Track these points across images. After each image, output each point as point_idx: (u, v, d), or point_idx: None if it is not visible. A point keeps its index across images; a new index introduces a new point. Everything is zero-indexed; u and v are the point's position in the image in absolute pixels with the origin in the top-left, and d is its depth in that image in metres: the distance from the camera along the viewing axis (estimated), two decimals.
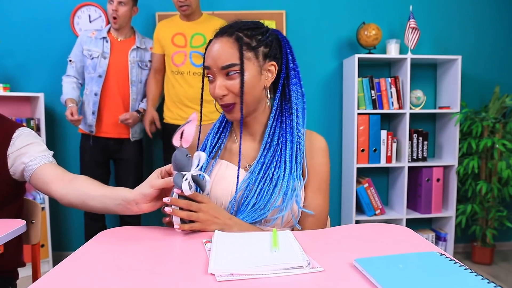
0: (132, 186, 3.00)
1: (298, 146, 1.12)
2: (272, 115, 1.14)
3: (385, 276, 0.68)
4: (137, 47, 2.66)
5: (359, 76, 2.95)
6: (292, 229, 1.13)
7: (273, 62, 1.12)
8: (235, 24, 1.10)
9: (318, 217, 1.13)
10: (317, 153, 1.15)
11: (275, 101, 1.15)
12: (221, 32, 1.09)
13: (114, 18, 2.56)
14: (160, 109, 2.77)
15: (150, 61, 2.69)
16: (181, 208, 0.95)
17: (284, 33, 3.08)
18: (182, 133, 0.98)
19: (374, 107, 2.97)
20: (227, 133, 1.20)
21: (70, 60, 2.68)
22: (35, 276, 1.41)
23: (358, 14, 3.14)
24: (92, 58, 2.61)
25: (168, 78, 2.66)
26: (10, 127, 1.32)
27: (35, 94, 2.86)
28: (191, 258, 0.81)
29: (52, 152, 1.37)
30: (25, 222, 1.16)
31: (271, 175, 1.09)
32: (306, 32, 3.14)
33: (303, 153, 1.13)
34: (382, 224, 1.04)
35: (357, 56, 2.87)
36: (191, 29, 2.62)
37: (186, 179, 0.94)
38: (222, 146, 1.19)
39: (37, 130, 2.86)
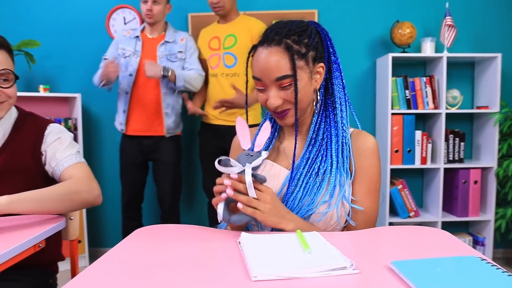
0: (170, 187, 3.04)
1: (344, 140, 1.11)
2: (316, 111, 1.14)
3: (423, 279, 0.66)
4: (166, 41, 2.66)
5: (393, 76, 2.89)
6: (345, 227, 1.12)
7: (321, 64, 1.11)
8: (280, 30, 1.06)
9: (368, 218, 1.11)
10: (367, 153, 1.12)
11: (319, 97, 1.13)
12: (268, 40, 1.06)
13: (149, 15, 2.59)
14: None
15: (180, 51, 2.68)
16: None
17: None
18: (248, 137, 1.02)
19: (409, 107, 2.91)
20: (275, 134, 1.21)
21: (105, 58, 2.71)
22: (74, 270, 1.46)
23: (391, 12, 3.08)
24: (125, 57, 2.65)
25: (208, 81, 2.73)
26: (41, 124, 1.38)
27: (72, 94, 2.96)
28: (228, 259, 0.82)
29: (77, 147, 1.40)
30: (64, 218, 1.21)
31: (316, 169, 1.08)
32: (339, 32, 3.10)
33: (349, 147, 1.11)
34: (418, 226, 1.01)
35: (390, 55, 2.82)
36: (225, 31, 2.66)
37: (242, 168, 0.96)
38: (270, 146, 1.19)
39: (74, 129, 2.96)
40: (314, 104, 1.15)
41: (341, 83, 1.14)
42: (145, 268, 0.76)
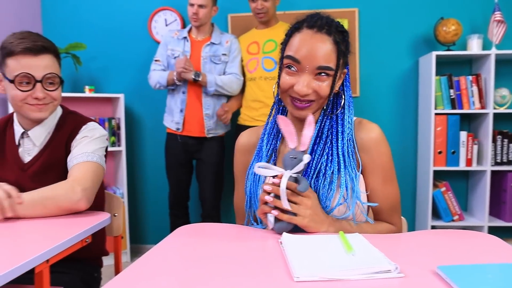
0: (212, 186, 3.06)
1: (349, 136, 1.08)
2: (322, 111, 1.11)
3: (473, 286, 0.63)
4: (211, 42, 2.70)
5: (436, 75, 2.80)
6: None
7: (345, 70, 1.10)
8: (329, 22, 1.04)
9: (393, 204, 1.10)
10: (373, 144, 1.09)
11: (334, 109, 1.12)
12: (318, 26, 1.02)
13: (194, 18, 2.63)
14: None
15: (224, 54, 2.71)
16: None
17: (357, 32, 3.01)
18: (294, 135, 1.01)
19: (453, 107, 2.81)
20: (279, 136, 1.16)
21: (157, 60, 2.79)
22: (117, 265, 1.51)
23: (435, 9, 2.98)
24: (175, 57, 2.70)
25: (245, 85, 2.77)
26: (80, 122, 1.42)
27: (116, 95, 3.05)
28: (270, 259, 0.82)
29: (99, 146, 1.39)
30: (110, 215, 1.25)
31: (323, 171, 1.04)
32: (380, 30, 3.04)
33: (353, 142, 1.08)
34: (465, 230, 0.98)
35: (434, 53, 2.73)
36: (264, 36, 2.70)
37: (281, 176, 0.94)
38: (275, 149, 1.14)
39: (118, 128, 3.05)
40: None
41: (349, 90, 1.13)
42: (186, 266, 0.78)
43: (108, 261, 2.50)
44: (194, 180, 2.89)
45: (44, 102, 1.33)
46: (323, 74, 1.01)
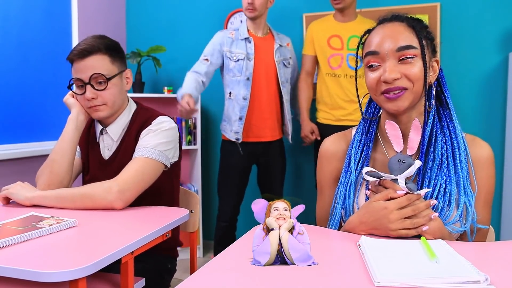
0: (279, 188, 2.96)
1: (466, 154, 1.01)
2: (430, 120, 1.00)
3: None
4: (280, 45, 2.62)
5: None
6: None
7: (437, 58, 1.03)
8: (400, 14, 1.02)
9: (484, 230, 1.05)
10: (484, 164, 1.02)
11: (431, 103, 1.01)
12: (389, 19, 1.01)
13: (249, 9, 2.50)
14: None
15: (290, 57, 2.67)
16: None
17: (438, 28, 2.85)
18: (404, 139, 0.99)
19: None
20: (371, 144, 1.08)
21: (206, 59, 2.59)
22: (192, 260, 1.56)
23: None
24: (237, 61, 2.56)
25: (322, 79, 2.65)
26: (150, 116, 1.46)
27: None
28: (348, 261, 0.80)
29: (161, 140, 1.39)
30: (188, 211, 1.30)
31: (443, 192, 0.98)
32: (464, 25, 2.85)
33: (465, 159, 1.01)
34: None
35: None
36: (348, 31, 2.57)
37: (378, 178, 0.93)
38: (367, 158, 1.07)
39: (194, 128, 3.16)
40: (427, 104, 1.01)
41: (447, 88, 1.05)
42: (262, 266, 0.78)
43: (182, 255, 2.60)
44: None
45: (95, 103, 1.37)
46: (406, 57, 0.95)
